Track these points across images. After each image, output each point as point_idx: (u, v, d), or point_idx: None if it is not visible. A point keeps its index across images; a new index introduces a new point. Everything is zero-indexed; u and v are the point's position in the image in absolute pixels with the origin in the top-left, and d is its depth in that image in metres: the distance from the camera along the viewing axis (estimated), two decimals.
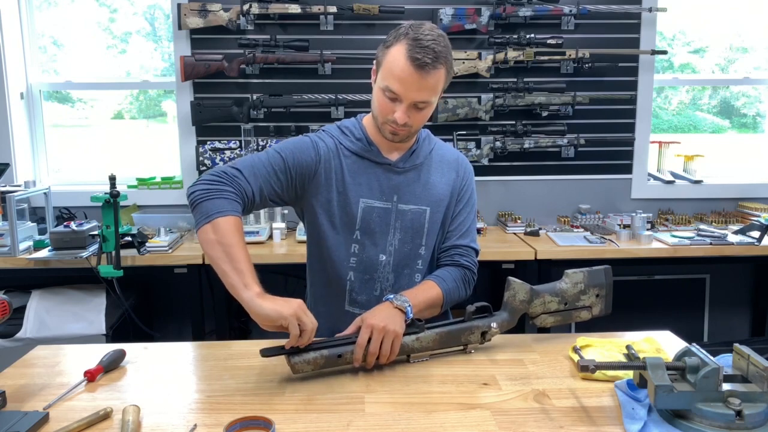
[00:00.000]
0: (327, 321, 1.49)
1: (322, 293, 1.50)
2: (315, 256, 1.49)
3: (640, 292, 3.05)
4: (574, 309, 1.36)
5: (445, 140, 1.60)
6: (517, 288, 1.32)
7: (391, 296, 1.30)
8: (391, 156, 1.45)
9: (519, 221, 2.83)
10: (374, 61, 1.38)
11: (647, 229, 2.61)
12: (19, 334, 2.38)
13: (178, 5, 2.71)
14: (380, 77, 1.33)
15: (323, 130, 1.48)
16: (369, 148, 1.44)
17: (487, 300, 1.34)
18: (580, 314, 1.36)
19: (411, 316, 1.27)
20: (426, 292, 1.38)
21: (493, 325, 1.30)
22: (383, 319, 1.22)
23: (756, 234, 2.53)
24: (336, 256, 1.44)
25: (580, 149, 2.93)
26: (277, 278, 2.66)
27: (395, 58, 1.29)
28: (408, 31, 1.30)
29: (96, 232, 2.40)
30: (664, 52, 2.92)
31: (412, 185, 1.45)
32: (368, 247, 1.43)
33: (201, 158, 2.79)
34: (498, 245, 2.54)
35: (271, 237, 2.59)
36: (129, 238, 2.36)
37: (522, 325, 2.55)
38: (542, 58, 2.79)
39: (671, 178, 3.03)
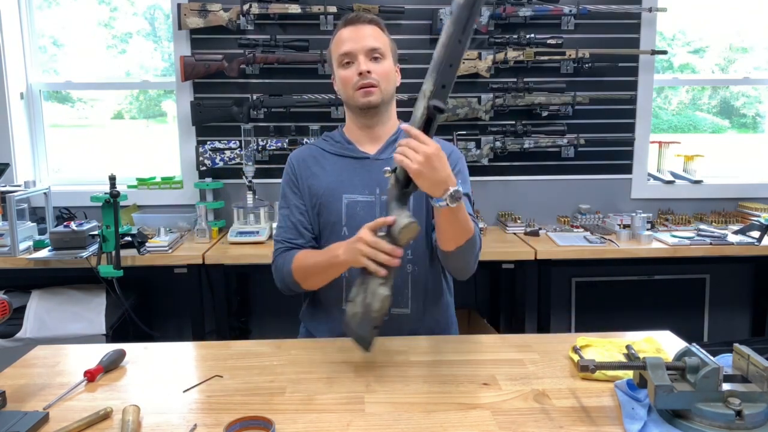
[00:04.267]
0: (326, 322, 1.50)
1: (320, 296, 1.51)
2: None
3: (640, 292, 3.05)
4: None
5: (446, 140, 1.61)
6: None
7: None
8: (369, 150, 1.50)
9: (519, 221, 2.82)
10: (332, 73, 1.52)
11: (647, 229, 2.61)
12: (19, 334, 2.38)
13: (178, 5, 2.71)
14: (334, 60, 1.47)
15: (311, 144, 1.59)
16: (347, 146, 1.52)
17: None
18: None
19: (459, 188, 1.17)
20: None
21: None
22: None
23: (756, 234, 2.53)
24: None
25: (580, 149, 2.93)
26: None
27: (337, 36, 1.47)
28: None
29: (96, 232, 2.40)
30: (664, 52, 2.92)
31: None
32: None
33: (201, 158, 2.79)
34: (498, 245, 2.54)
35: (270, 237, 2.59)
36: (129, 238, 2.36)
37: (522, 325, 2.56)
38: (542, 58, 2.79)
39: (671, 178, 3.03)
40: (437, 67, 1.14)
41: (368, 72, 1.40)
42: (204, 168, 2.80)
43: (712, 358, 0.98)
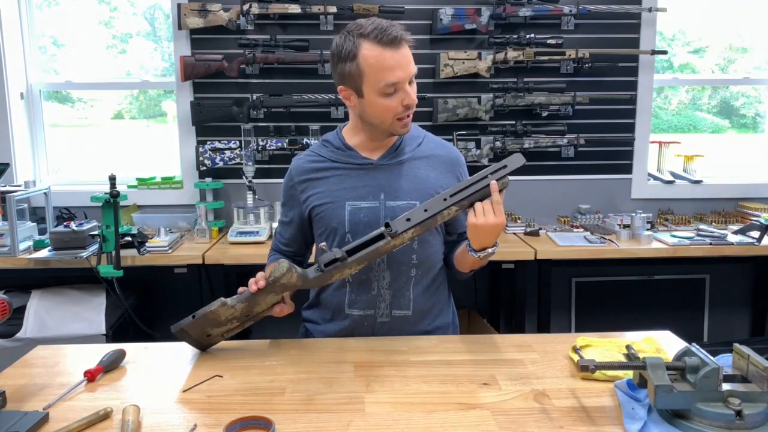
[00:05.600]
0: (328, 324, 1.50)
1: (324, 299, 1.51)
2: None
3: (640, 292, 3.05)
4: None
5: (446, 140, 1.61)
6: None
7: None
8: (372, 155, 1.48)
9: (519, 221, 2.82)
10: (339, 87, 1.39)
11: (647, 229, 2.61)
12: (19, 334, 2.38)
13: (178, 5, 2.71)
14: (370, 85, 1.33)
15: (311, 151, 1.53)
16: (348, 152, 1.48)
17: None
18: None
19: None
20: None
21: None
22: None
23: (756, 234, 2.53)
24: None
25: (580, 149, 2.93)
26: None
27: (373, 57, 1.31)
28: (357, 34, 1.33)
29: (96, 232, 2.40)
30: (664, 52, 2.92)
31: (399, 181, 1.45)
32: None
33: (201, 158, 2.79)
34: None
35: (271, 237, 2.59)
36: (129, 238, 2.36)
37: (522, 325, 2.56)
38: (542, 58, 2.79)
39: (671, 178, 3.03)
40: (423, 203, 1.26)
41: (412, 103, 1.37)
42: (204, 168, 2.80)
43: (712, 358, 0.98)
